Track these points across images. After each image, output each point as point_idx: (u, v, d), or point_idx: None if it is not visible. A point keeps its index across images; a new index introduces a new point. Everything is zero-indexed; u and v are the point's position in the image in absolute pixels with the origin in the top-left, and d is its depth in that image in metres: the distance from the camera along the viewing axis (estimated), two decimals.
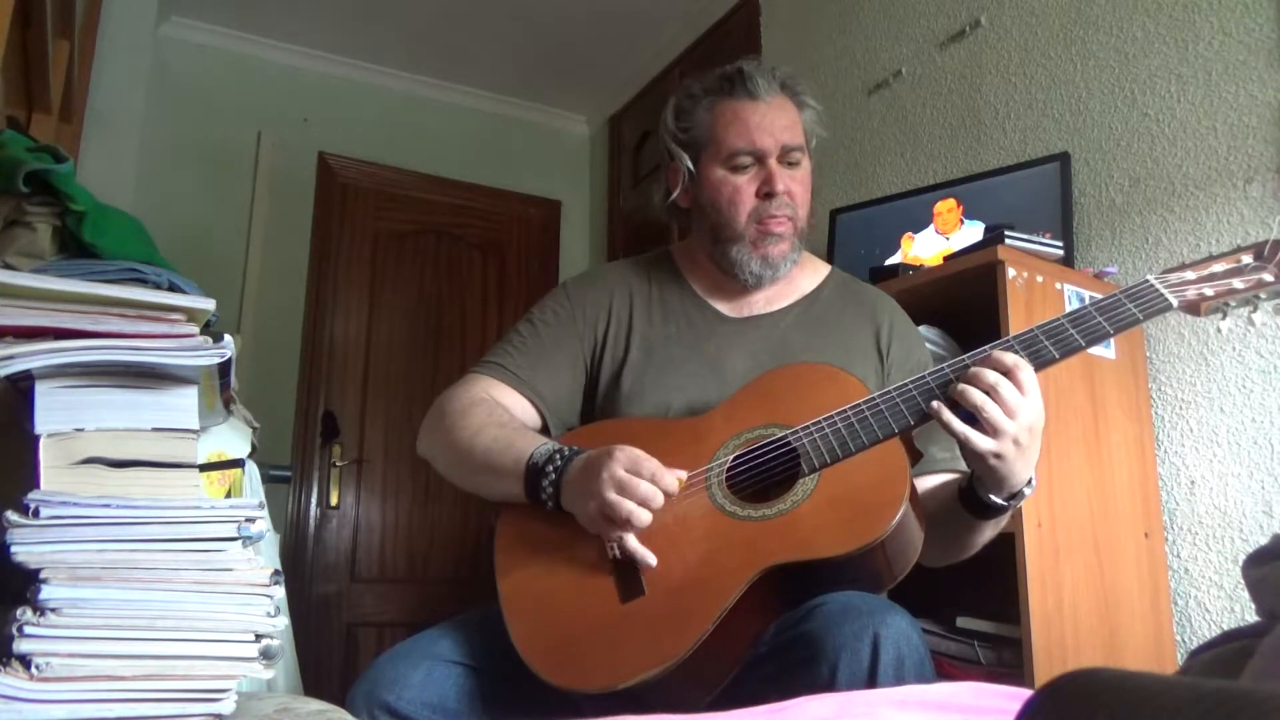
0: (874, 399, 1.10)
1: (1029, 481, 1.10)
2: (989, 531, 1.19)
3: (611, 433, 1.25)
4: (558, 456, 1.13)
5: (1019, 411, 1.02)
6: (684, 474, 1.09)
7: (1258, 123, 1.71)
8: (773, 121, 1.29)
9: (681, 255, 1.44)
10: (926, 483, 1.24)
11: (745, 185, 1.30)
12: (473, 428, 1.22)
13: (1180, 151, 1.83)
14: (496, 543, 1.18)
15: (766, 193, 1.29)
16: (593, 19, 3.50)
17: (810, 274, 1.41)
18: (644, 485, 1.04)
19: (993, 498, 1.10)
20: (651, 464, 1.06)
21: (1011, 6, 2.23)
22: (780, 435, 1.12)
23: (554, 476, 1.12)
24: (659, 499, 1.04)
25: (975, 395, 1.02)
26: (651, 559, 1.06)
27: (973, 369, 1.05)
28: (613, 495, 1.04)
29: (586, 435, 1.28)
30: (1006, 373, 1.03)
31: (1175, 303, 1.05)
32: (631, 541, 1.06)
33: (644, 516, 1.04)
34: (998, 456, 1.03)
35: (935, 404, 1.05)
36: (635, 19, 3.48)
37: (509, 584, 1.14)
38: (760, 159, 1.30)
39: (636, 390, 1.30)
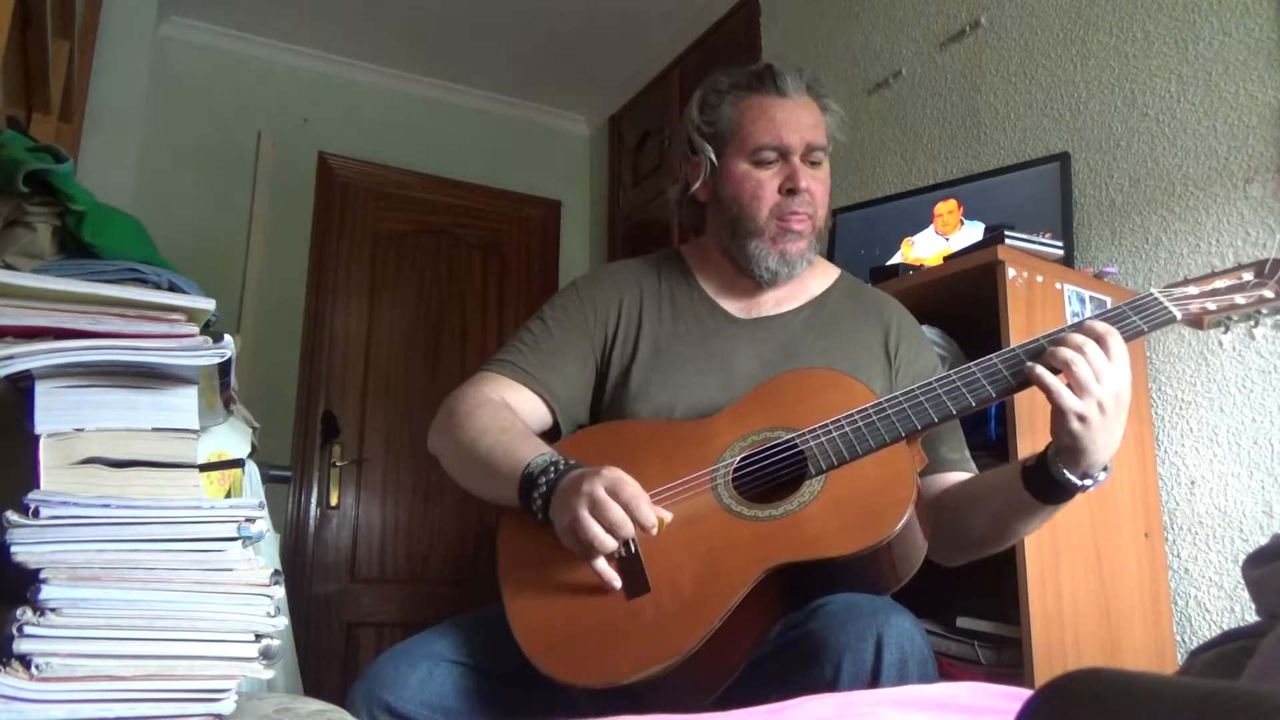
0: (881, 404, 1.10)
1: (1105, 468, 1.08)
2: (1039, 520, 1.16)
3: (619, 433, 1.25)
4: (552, 469, 1.12)
5: (1105, 375, 1.02)
6: (669, 516, 1.06)
7: (1258, 123, 1.71)
8: (800, 119, 1.30)
9: (692, 254, 1.44)
10: (945, 480, 1.24)
11: (768, 180, 1.30)
12: (476, 430, 1.22)
13: (1180, 151, 1.83)
14: (499, 539, 1.18)
15: (789, 189, 1.29)
16: (593, 19, 3.50)
17: (820, 276, 1.41)
18: (616, 510, 1.02)
19: (1067, 474, 1.06)
20: (630, 490, 1.03)
21: (1011, 6, 2.23)
22: (788, 438, 1.12)
23: (545, 489, 1.10)
24: (628, 528, 1.02)
25: (1065, 352, 1.03)
26: (616, 582, 1.05)
27: (1062, 334, 1.06)
28: (584, 513, 1.03)
29: (595, 435, 1.28)
30: (1097, 338, 1.03)
31: (1179, 315, 1.07)
32: (598, 563, 1.05)
33: (608, 543, 1.02)
34: (1082, 420, 1.02)
35: (1030, 364, 1.05)
36: (635, 19, 3.48)
37: (512, 580, 1.14)
38: (785, 155, 1.30)
39: (643, 388, 1.30)
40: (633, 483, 1.05)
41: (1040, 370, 1.04)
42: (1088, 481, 1.07)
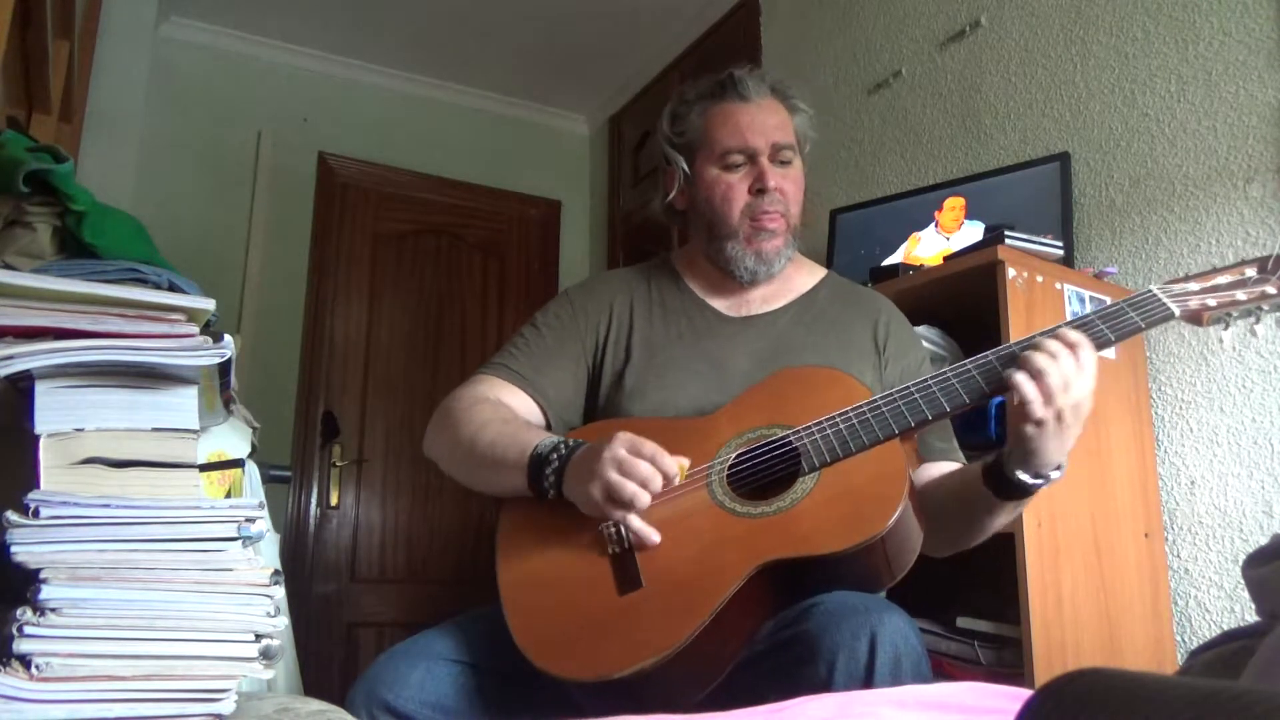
0: (876, 401, 1.11)
1: (1058, 467, 1.10)
2: (1004, 516, 1.18)
3: (615, 431, 1.26)
4: (562, 447, 1.15)
5: (1072, 385, 1.03)
6: (686, 461, 1.10)
7: (1258, 123, 1.71)
8: (763, 122, 1.33)
9: (680, 259, 1.47)
10: (928, 471, 1.25)
11: (738, 183, 1.33)
12: (477, 424, 1.24)
13: (1180, 151, 1.83)
14: (498, 536, 1.19)
15: (758, 189, 1.33)
16: (593, 19, 3.50)
17: (807, 274, 1.44)
18: (644, 465, 1.05)
19: (1020, 474, 1.09)
20: (651, 446, 1.07)
21: (1011, 6, 2.23)
22: (782, 435, 1.13)
23: (557, 464, 1.13)
24: (658, 480, 1.06)
25: (1039, 359, 1.03)
26: (655, 536, 1.08)
27: (1038, 338, 1.06)
28: (614, 475, 1.05)
29: (591, 433, 1.28)
30: (1071, 347, 1.04)
31: (1178, 312, 1.07)
32: (635, 521, 1.08)
33: (644, 497, 1.05)
34: (1038, 424, 1.04)
35: (1008, 370, 1.06)
36: (635, 19, 3.48)
37: (508, 576, 1.15)
38: (752, 158, 1.33)
39: (639, 389, 1.31)
40: (647, 440, 1.08)
41: (1019, 376, 1.04)
42: (1039, 480, 1.10)
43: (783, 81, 1.39)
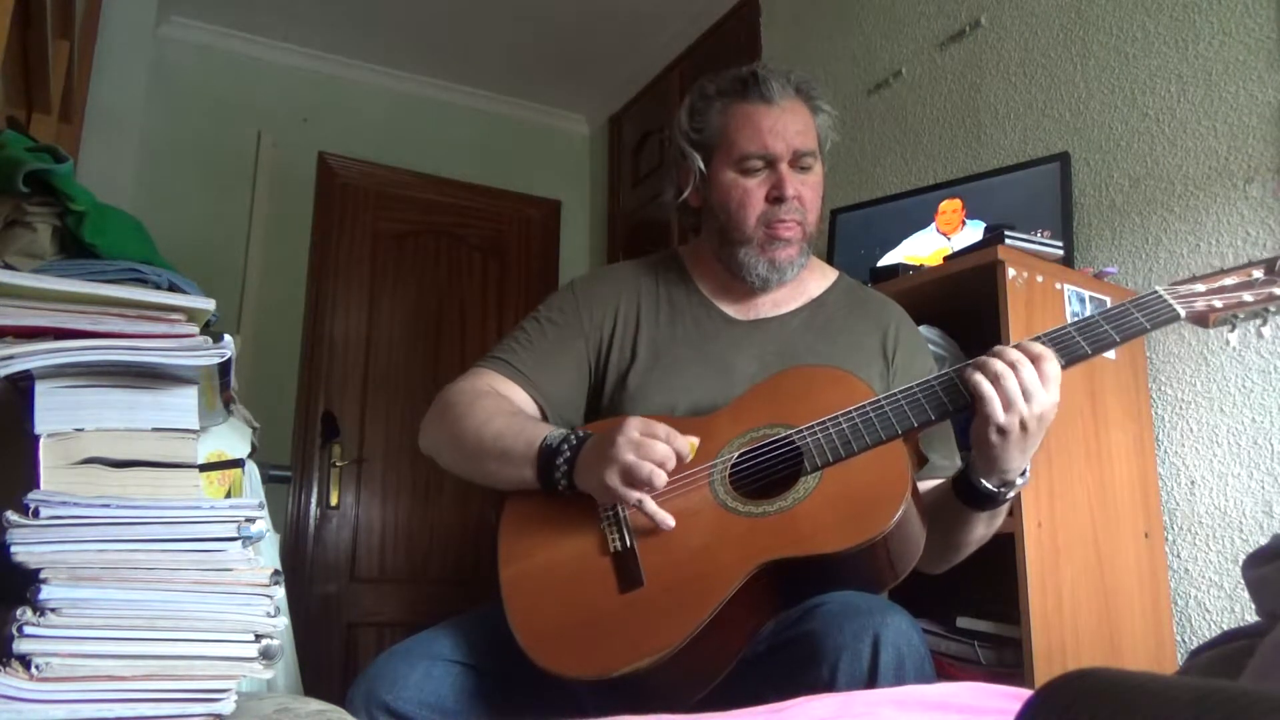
0: (879, 401, 1.11)
1: (1023, 473, 1.11)
2: (981, 527, 1.18)
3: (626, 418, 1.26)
4: (572, 438, 1.15)
5: (1034, 396, 1.03)
6: (697, 440, 1.10)
7: (1258, 123, 1.71)
8: (785, 126, 1.29)
9: (689, 256, 1.44)
10: (922, 487, 1.24)
11: (755, 189, 1.30)
12: (482, 416, 1.23)
13: (1180, 151, 1.83)
14: (499, 533, 1.19)
15: (776, 197, 1.29)
16: (593, 19, 3.50)
17: (818, 278, 1.42)
18: (660, 445, 1.07)
19: (984, 482, 1.10)
20: (664, 427, 1.08)
21: (1011, 6, 2.23)
22: (784, 434, 1.12)
23: (569, 454, 1.13)
24: (674, 460, 1.07)
25: (997, 364, 1.04)
26: (670, 520, 1.08)
27: (999, 347, 1.07)
28: (631, 456, 1.06)
29: (600, 429, 1.28)
30: (1033, 358, 1.05)
31: (1183, 313, 1.06)
32: (650, 504, 1.08)
33: (661, 476, 1.06)
34: (1001, 432, 1.04)
35: (971, 371, 1.06)
36: (635, 19, 3.48)
37: (510, 573, 1.15)
38: (771, 163, 1.29)
39: (642, 390, 1.30)
40: (660, 423, 1.09)
41: (978, 376, 1.05)
42: (1005, 489, 1.11)
43: (808, 81, 1.34)
